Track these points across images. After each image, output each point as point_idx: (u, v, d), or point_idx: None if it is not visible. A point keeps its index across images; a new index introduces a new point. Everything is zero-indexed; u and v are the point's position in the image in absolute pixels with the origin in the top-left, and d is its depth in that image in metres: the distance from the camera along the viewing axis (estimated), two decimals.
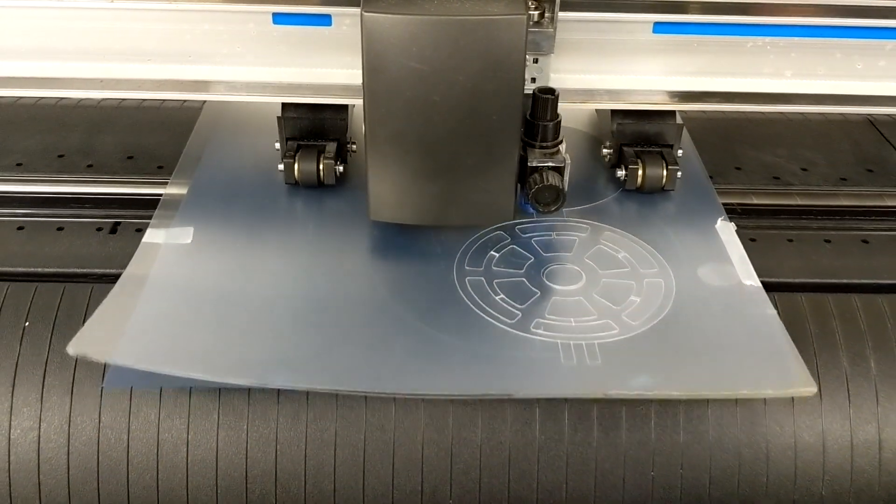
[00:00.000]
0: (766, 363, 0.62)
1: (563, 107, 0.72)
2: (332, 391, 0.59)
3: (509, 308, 0.66)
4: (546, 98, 0.69)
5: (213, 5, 0.71)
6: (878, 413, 0.64)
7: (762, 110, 0.76)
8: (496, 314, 0.66)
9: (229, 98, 0.75)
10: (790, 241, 0.76)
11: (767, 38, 0.74)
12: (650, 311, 0.66)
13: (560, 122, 0.71)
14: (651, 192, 0.78)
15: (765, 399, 0.63)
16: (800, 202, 0.81)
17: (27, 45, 0.73)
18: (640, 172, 0.77)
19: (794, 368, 0.61)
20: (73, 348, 0.60)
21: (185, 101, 0.89)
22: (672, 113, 0.78)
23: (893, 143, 0.90)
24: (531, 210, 0.71)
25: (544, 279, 0.69)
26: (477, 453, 0.63)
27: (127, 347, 0.61)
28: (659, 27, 0.72)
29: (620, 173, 0.78)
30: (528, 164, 0.70)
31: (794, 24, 0.73)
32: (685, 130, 0.79)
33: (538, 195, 0.70)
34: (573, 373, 0.61)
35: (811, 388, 0.60)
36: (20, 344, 0.64)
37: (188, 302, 0.65)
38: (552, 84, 0.73)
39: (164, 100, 0.86)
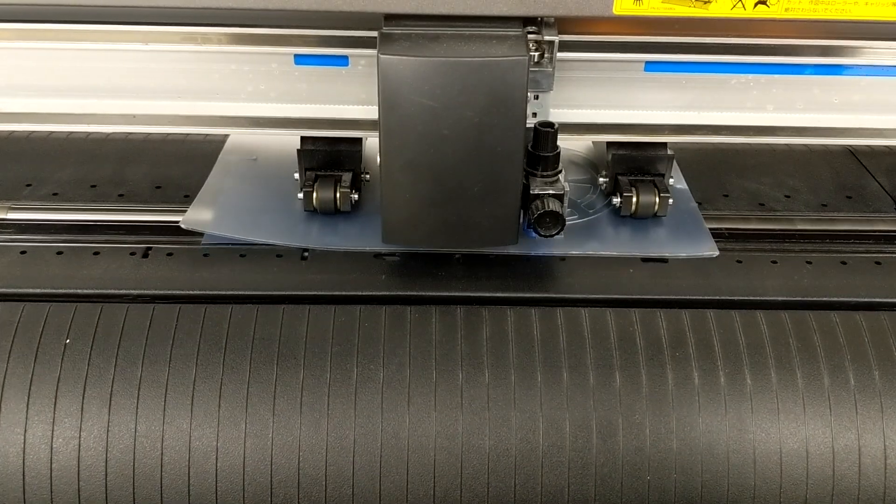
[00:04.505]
0: (683, 236, 0.82)
1: (564, 137, 0.77)
2: (352, 250, 0.79)
3: None
4: (546, 131, 0.74)
5: (239, 47, 0.76)
6: (857, 421, 0.68)
7: (746, 142, 0.81)
8: None
9: (253, 132, 0.79)
10: (774, 262, 0.80)
11: (750, 76, 0.78)
12: (602, 203, 0.86)
13: (559, 153, 0.75)
14: (644, 218, 0.83)
15: (752, 407, 0.68)
16: (783, 227, 0.85)
17: (66, 84, 0.78)
18: (634, 200, 0.82)
19: (703, 240, 0.81)
20: (184, 224, 0.80)
21: (208, 134, 0.93)
22: (663, 144, 0.82)
23: (872, 172, 0.94)
24: (533, 235, 0.76)
25: None
26: (485, 459, 0.67)
27: (218, 222, 0.81)
28: (650, 66, 0.77)
29: (616, 200, 0.83)
30: (531, 191, 0.74)
31: (775, 63, 0.77)
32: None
33: (540, 221, 0.74)
34: (546, 239, 0.78)
35: (714, 252, 0.79)
36: (62, 359, 0.68)
37: (252, 200, 0.85)
38: (555, 118, 0.78)
39: (188, 133, 0.91)
